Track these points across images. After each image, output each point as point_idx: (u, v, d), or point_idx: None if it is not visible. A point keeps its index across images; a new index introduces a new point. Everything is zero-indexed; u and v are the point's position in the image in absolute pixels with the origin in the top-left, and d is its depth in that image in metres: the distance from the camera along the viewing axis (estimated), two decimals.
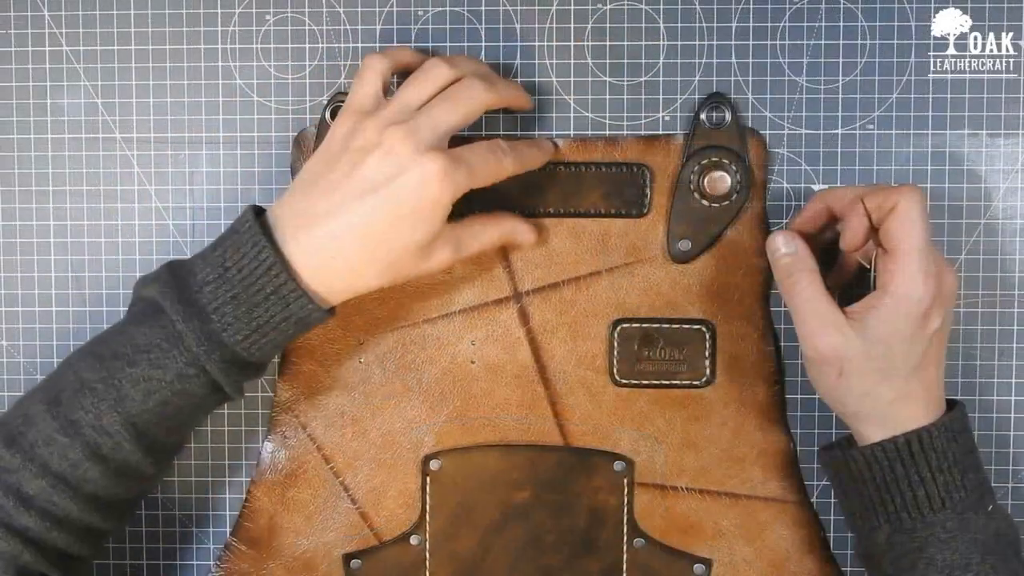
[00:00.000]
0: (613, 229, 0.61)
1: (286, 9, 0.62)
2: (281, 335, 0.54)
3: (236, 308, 0.52)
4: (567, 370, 0.62)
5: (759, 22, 0.61)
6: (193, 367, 0.52)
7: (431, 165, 0.52)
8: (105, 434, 0.52)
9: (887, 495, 0.54)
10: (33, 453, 0.52)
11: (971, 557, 0.52)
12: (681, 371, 0.61)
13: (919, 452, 0.53)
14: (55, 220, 0.64)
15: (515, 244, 0.61)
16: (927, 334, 0.53)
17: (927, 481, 0.53)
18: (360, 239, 0.53)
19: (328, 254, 0.53)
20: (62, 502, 0.52)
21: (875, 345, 0.53)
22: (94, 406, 0.52)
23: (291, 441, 0.62)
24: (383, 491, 0.62)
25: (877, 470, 0.54)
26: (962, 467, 0.54)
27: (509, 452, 0.62)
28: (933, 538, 0.53)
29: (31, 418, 0.53)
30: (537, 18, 0.62)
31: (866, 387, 0.53)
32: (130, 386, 0.52)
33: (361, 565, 0.62)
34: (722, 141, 0.60)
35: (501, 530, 0.62)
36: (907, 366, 0.53)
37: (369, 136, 0.53)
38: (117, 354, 0.53)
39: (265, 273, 0.52)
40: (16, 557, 0.52)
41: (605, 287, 0.61)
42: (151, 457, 0.54)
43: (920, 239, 0.53)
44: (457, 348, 0.62)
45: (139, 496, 0.57)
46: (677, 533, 0.61)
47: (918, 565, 0.53)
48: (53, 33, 0.63)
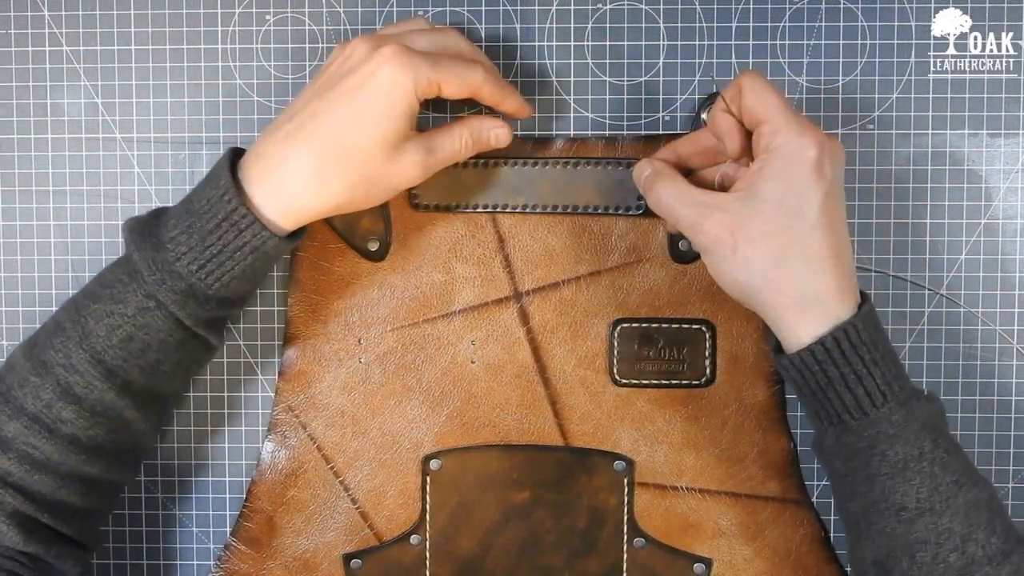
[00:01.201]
0: (614, 229, 0.61)
1: (286, 9, 0.62)
2: (238, 264, 0.53)
3: (189, 237, 0.52)
4: (567, 370, 0.62)
5: (759, 22, 0.61)
6: (151, 299, 0.52)
7: (385, 50, 0.51)
8: (75, 372, 0.52)
9: (825, 400, 0.51)
10: (9, 395, 0.53)
11: (922, 445, 0.50)
12: (681, 371, 0.61)
13: (850, 349, 0.50)
14: (55, 220, 0.64)
15: (488, 144, 0.58)
16: (823, 186, 0.50)
17: (864, 377, 0.50)
18: (318, 144, 0.51)
19: (284, 170, 0.52)
20: (39, 444, 0.52)
21: (766, 204, 0.50)
22: (63, 345, 0.53)
23: (291, 441, 0.62)
24: (383, 491, 0.62)
25: (810, 376, 0.51)
26: (890, 357, 0.51)
27: (509, 452, 0.62)
28: (881, 435, 0.50)
29: (11, 364, 0.54)
30: (537, 18, 0.62)
31: (768, 254, 0.50)
32: (94, 322, 0.52)
33: (361, 565, 0.62)
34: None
35: (501, 530, 0.62)
36: (808, 222, 0.50)
37: (332, 56, 0.54)
38: (88, 293, 0.54)
39: (219, 200, 0.52)
40: (1, 502, 0.52)
41: (605, 287, 0.61)
42: (128, 398, 0.54)
43: (777, 100, 0.51)
44: (457, 348, 0.62)
45: (132, 447, 0.56)
46: (677, 533, 0.62)
47: (871, 462, 0.51)
48: (53, 33, 0.63)
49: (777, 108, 0.51)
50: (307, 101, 0.53)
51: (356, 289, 0.61)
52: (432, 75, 0.52)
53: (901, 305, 0.62)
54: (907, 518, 0.51)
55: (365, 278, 0.61)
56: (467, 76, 0.54)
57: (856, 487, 0.52)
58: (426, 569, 0.62)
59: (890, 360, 0.51)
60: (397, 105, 0.52)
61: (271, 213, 0.52)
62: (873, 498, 0.51)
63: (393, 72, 0.51)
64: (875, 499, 0.51)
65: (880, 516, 0.51)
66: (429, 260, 0.61)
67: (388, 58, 0.51)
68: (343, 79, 0.52)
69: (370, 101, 0.51)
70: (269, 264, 0.55)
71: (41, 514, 0.53)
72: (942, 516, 0.50)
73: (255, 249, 0.53)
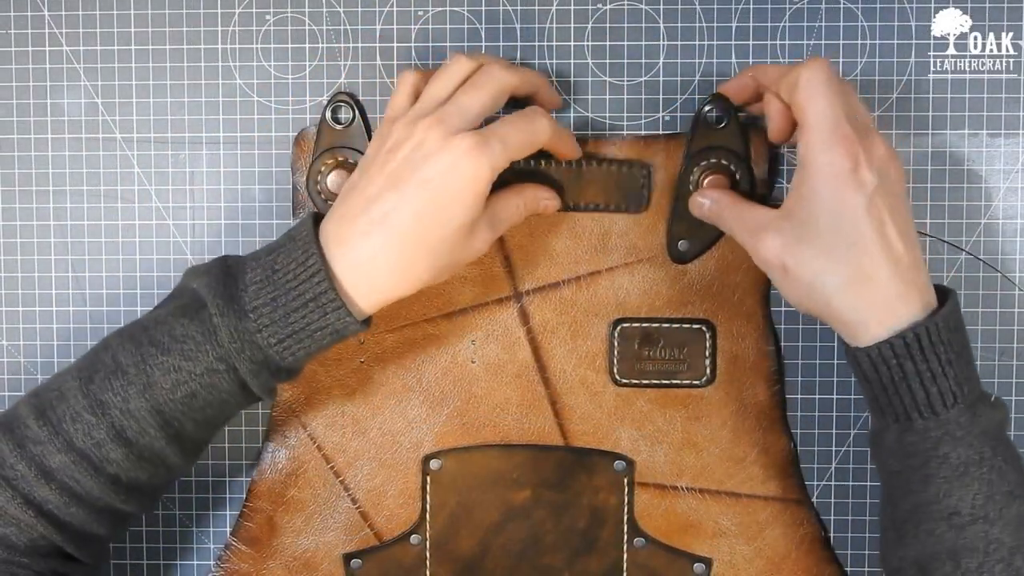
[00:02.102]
0: (614, 229, 0.61)
1: (286, 9, 0.62)
2: (315, 344, 0.53)
3: (274, 311, 0.52)
4: (567, 370, 0.62)
5: (759, 22, 0.61)
6: (223, 363, 0.52)
7: (461, 144, 0.52)
8: (131, 417, 0.52)
9: (896, 396, 0.51)
10: (60, 428, 0.52)
11: (983, 451, 0.50)
12: (681, 371, 0.61)
13: (929, 346, 0.50)
14: (55, 220, 0.64)
15: (538, 212, 0.59)
16: (864, 195, 0.49)
17: (939, 376, 0.50)
18: (401, 236, 0.52)
19: (372, 266, 0.52)
20: (83, 479, 0.52)
21: (808, 226, 0.50)
22: (123, 389, 0.52)
23: (291, 441, 0.62)
24: (383, 491, 0.62)
25: (884, 371, 0.51)
26: (966, 358, 0.51)
27: (509, 452, 0.62)
28: (947, 436, 0.50)
29: (64, 393, 0.53)
30: (537, 18, 0.62)
31: (812, 274, 0.50)
32: (160, 374, 0.52)
33: (361, 565, 0.62)
34: (724, 141, 0.60)
35: (501, 530, 0.62)
36: (853, 236, 0.50)
37: (399, 134, 0.53)
38: (154, 341, 0.53)
39: (309, 279, 0.52)
40: (31, 527, 0.52)
41: (605, 287, 0.61)
42: (176, 447, 0.54)
43: (827, 105, 0.50)
44: (457, 348, 0.62)
45: (162, 485, 0.57)
46: (677, 532, 0.62)
47: (930, 463, 0.50)
48: (53, 33, 0.63)
49: (817, 118, 0.50)
50: (382, 189, 0.52)
51: None
52: (505, 158, 0.53)
53: None
54: (958, 523, 0.50)
55: None
56: (535, 140, 0.55)
57: (910, 486, 0.52)
58: (426, 569, 0.62)
59: (964, 362, 0.51)
60: (476, 195, 0.52)
61: (357, 298, 0.53)
62: (926, 499, 0.51)
63: (472, 164, 0.52)
64: (928, 500, 0.51)
65: (930, 518, 0.51)
66: None
67: (466, 152, 0.52)
68: (419, 169, 0.52)
69: (450, 194, 0.52)
70: (340, 342, 0.55)
71: (65, 544, 0.53)
72: (994, 525, 0.50)
73: (336, 331, 0.53)
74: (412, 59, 0.62)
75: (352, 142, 0.61)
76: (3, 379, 0.64)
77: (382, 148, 0.54)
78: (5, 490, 0.52)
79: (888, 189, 0.51)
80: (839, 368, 0.62)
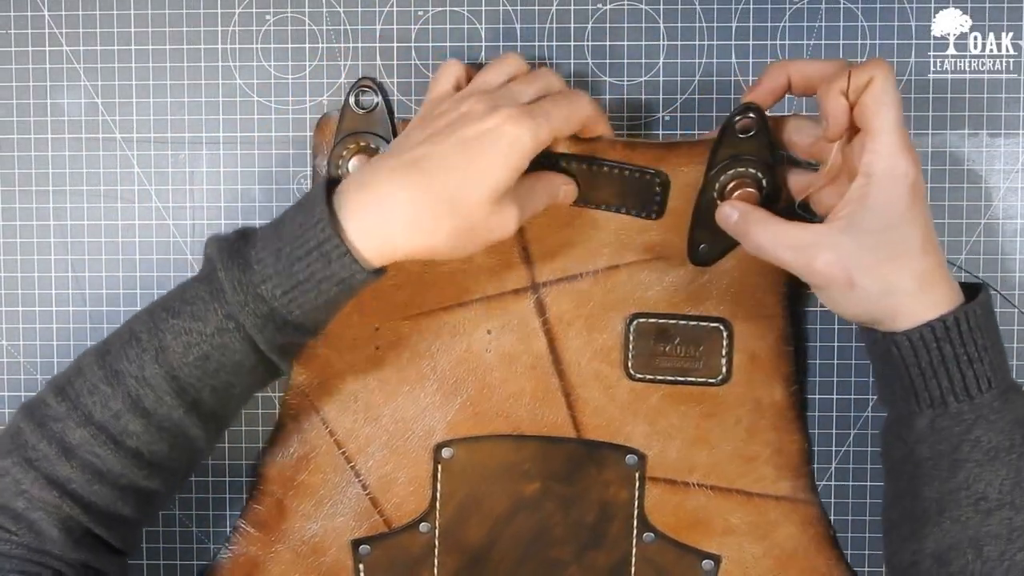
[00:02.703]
0: (634, 226, 0.60)
1: (286, 9, 0.62)
2: (322, 295, 0.52)
3: (278, 261, 0.51)
4: (582, 362, 0.61)
5: (759, 22, 0.61)
6: (232, 320, 0.51)
7: (507, 112, 0.51)
8: (147, 385, 0.52)
9: (933, 380, 0.52)
10: (78, 402, 0.52)
11: (1014, 437, 0.51)
12: (697, 368, 0.61)
13: (967, 331, 0.51)
14: (55, 220, 0.64)
15: (557, 200, 0.58)
16: (923, 204, 0.51)
17: (975, 360, 0.51)
18: (428, 184, 0.51)
19: (389, 206, 0.51)
20: (103, 454, 0.52)
21: (871, 236, 0.51)
22: (138, 357, 0.52)
23: (304, 425, 0.62)
24: (394, 478, 0.62)
25: (923, 354, 0.51)
26: (1000, 347, 0.52)
27: (521, 443, 0.61)
28: (982, 419, 0.51)
29: (82, 369, 0.53)
30: (537, 18, 0.62)
31: (885, 282, 0.51)
32: (172, 337, 0.52)
33: (370, 551, 0.62)
34: (751, 151, 0.57)
35: (510, 521, 0.62)
36: (916, 243, 0.51)
37: (446, 107, 0.53)
38: (166, 307, 0.53)
39: (312, 227, 0.51)
40: (57, 507, 0.51)
41: (623, 281, 0.61)
42: (194, 417, 0.53)
43: (897, 113, 0.51)
44: (473, 337, 0.62)
45: (187, 464, 0.56)
46: (686, 529, 0.61)
47: (962, 447, 0.51)
48: (53, 33, 0.63)
49: (890, 126, 0.51)
50: (418, 143, 0.52)
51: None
52: (548, 132, 0.52)
53: None
54: (985, 508, 0.51)
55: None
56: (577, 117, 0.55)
57: (939, 471, 0.52)
58: (434, 558, 0.62)
59: (997, 350, 0.52)
60: (512, 162, 0.51)
61: (364, 247, 0.51)
62: (955, 484, 0.51)
63: (515, 130, 0.51)
64: (956, 486, 0.51)
65: (957, 504, 0.51)
66: None
67: (509, 117, 0.51)
68: (460, 130, 0.52)
69: (488, 155, 0.51)
70: (351, 296, 0.53)
71: (94, 524, 0.52)
72: (1020, 512, 0.51)
73: (342, 281, 0.51)
74: (412, 59, 0.62)
75: (375, 128, 0.60)
76: (3, 379, 0.64)
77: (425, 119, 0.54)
78: (28, 472, 0.51)
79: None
80: (839, 368, 0.62)
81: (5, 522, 0.51)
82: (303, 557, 0.62)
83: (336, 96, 0.62)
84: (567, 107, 0.54)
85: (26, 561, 0.51)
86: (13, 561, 0.51)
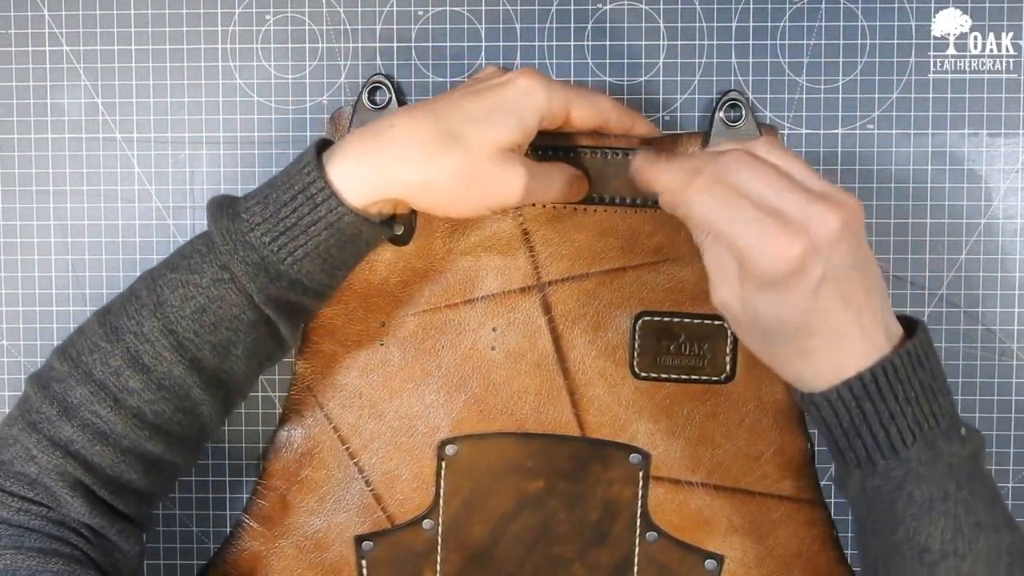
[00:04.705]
0: (643, 230, 0.61)
1: (286, 9, 0.62)
2: (311, 240, 0.51)
3: (264, 208, 0.51)
4: (587, 361, 0.61)
5: (759, 22, 0.61)
6: (227, 271, 0.51)
7: (527, 71, 0.53)
8: (145, 340, 0.52)
9: (857, 439, 0.50)
10: (79, 361, 0.52)
11: (947, 487, 0.49)
12: (701, 367, 0.61)
13: (886, 386, 0.48)
14: (55, 220, 0.64)
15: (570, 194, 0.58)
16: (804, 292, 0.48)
17: (896, 416, 0.49)
18: (432, 120, 0.51)
19: (388, 136, 0.51)
20: (104, 412, 0.51)
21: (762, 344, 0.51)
22: (136, 312, 0.52)
23: (307, 420, 0.62)
24: (398, 474, 0.62)
25: (844, 414, 0.50)
26: (929, 395, 0.49)
27: (525, 440, 0.61)
28: (911, 474, 0.49)
29: (84, 329, 0.53)
30: (537, 18, 0.62)
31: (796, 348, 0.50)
32: (169, 291, 0.52)
33: (372, 547, 0.62)
34: (739, 138, 0.59)
35: (514, 519, 0.62)
36: (792, 330, 0.49)
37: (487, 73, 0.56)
38: (166, 262, 0.53)
39: (298, 172, 0.51)
40: (62, 470, 0.51)
41: (629, 281, 0.61)
42: (196, 377, 0.53)
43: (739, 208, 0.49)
44: (478, 334, 0.62)
45: (194, 435, 0.55)
46: (690, 528, 0.61)
47: (896, 504, 0.49)
48: (53, 33, 0.63)
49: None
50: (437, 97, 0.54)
51: (380, 272, 0.61)
52: (564, 99, 0.53)
53: (901, 305, 0.62)
54: (930, 560, 0.49)
55: (389, 262, 0.61)
56: (598, 103, 0.55)
57: (880, 527, 0.51)
58: (437, 554, 0.62)
59: (928, 397, 0.49)
60: (521, 113, 0.52)
61: (351, 187, 0.51)
62: (896, 540, 0.50)
63: (529, 82, 0.52)
64: (898, 541, 0.50)
65: (902, 559, 0.50)
66: (453, 246, 0.61)
67: (527, 73, 0.53)
68: (474, 86, 0.53)
69: (497, 101, 0.52)
70: (345, 247, 0.53)
71: (100, 488, 0.52)
72: (964, 560, 0.49)
73: (330, 225, 0.51)
74: (412, 59, 0.62)
75: None
76: (3, 379, 0.64)
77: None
78: (31, 435, 0.51)
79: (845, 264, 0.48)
80: None
81: (22, 489, 0.51)
82: (306, 552, 0.62)
83: (336, 96, 0.62)
84: (586, 93, 0.55)
85: (46, 536, 0.51)
86: (33, 535, 0.51)
